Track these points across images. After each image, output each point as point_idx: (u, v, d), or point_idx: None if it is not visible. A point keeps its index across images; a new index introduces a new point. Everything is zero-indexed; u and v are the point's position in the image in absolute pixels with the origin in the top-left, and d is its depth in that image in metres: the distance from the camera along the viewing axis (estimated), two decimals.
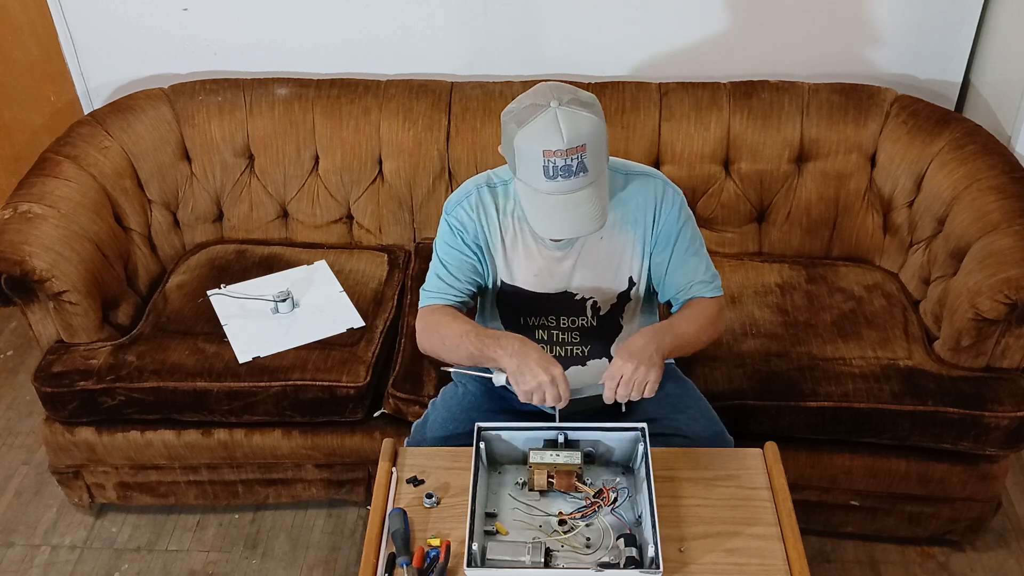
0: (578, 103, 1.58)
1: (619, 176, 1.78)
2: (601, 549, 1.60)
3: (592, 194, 1.61)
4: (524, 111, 1.59)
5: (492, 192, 1.80)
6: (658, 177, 1.80)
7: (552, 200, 1.61)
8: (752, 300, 2.41)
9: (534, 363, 1.64)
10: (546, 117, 1.56)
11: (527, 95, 1.63)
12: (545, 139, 1.55)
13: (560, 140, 1.54)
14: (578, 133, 1.55)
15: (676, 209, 1.79)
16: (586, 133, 1.56)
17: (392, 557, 1.57)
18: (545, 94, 1.60)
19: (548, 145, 1.55)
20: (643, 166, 1.83)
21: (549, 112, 1.56)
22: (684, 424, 1.90)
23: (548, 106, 1.56)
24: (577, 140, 1.55)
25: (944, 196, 2.37)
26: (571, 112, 1.56)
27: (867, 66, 2.70)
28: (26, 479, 2.66)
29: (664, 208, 1.78)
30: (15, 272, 2.20)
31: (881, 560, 2.37)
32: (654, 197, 1.77)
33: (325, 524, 2.50)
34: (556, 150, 1.55)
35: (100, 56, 2.81)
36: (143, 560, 2.42)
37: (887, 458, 2.22)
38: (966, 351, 2.17)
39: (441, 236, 1.84)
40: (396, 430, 2.27)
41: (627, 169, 1.80)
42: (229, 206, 2.71)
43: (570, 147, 1.55)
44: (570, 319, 1.84)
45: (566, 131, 1.54)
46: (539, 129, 1.56)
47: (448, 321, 1.79)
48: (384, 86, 2.64)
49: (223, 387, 2.23)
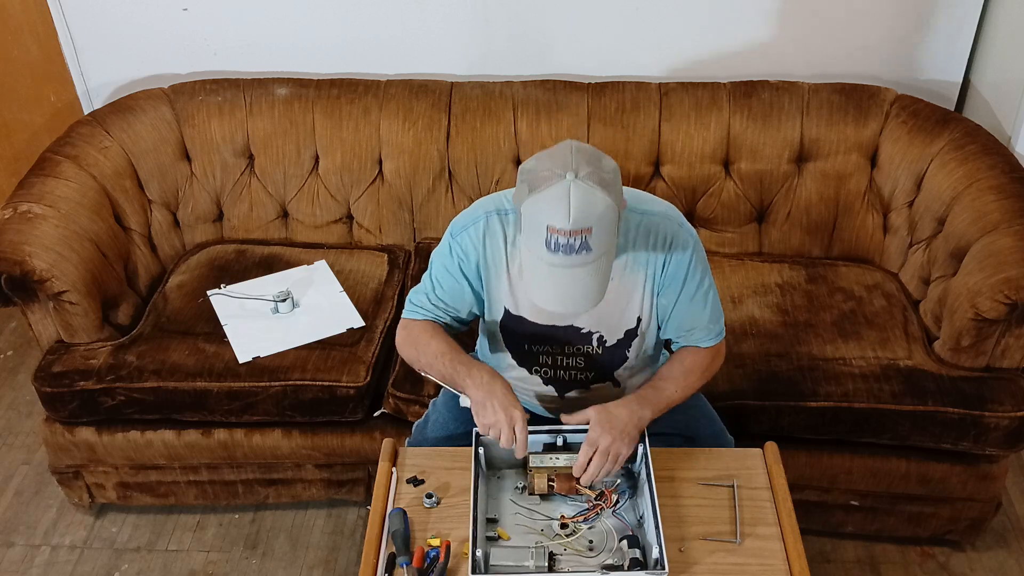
0: (596, 178, 1.50)
1: (635, 215, 1.70)
2: (604, 551, 1.60)
3: (592, 272, 1.54)
4: (540, 176, 1.51)
5: (502, 220, 1.72)
6: (673, 219, 1.72)
7: (550, 270, 1.54)
8: (752, 300, 2.41)
9: (497, 402, 1.65)
10: (558, 190, 1.48)
11: (549, 155, 1.55)
12: (551, 215, 1.48)
13: (566, 220, 1.47)
14: (586, 215, 1.48)
15: (687, 254, 1.71)
16: (595, 215, 1.48)
17: (392, 557, 1.57)
18: (565, 160, 1.52)
19: (553, 222, 1.48)
20: (661, 204, 1.75)
21: (563, 185, 1.48)
22: (684, 424, 1.90)
23: (564, 177, 1.49)
24: (584, 223, 1.48)
25: (944, 196, 2.37)
26: (585, 189, 1.48)
27: (867, 66, 2.70)
28: (26, 479, 2.66)
29: (675, 253, 1.70)
30: (15, 272, 2.20)
31: (881, 560, 2.37)
32: (665, 240, 1.70)
33: (325, 524, 2.50)
34: (560, 228, 1.48)
35: (100, 56, 2.81)
36: (143, 560, 2.42)
37: (887, 458, 2.22)
38: (966, 351, 2.17)
39: (441, 255, 1.78)
40: (396, 430, 2.27)
41: (643, 207, 1.72)
42: (229, 206, 2.71)
43: (575, 228, 1.48)
44: (575, 347, 1.80)
45: (574, 211, 1.47)
46: (548, 202, 1.49)
47: (427, 339, 1.79)
48: (384, 86, 2.64)
49: (223, 387, 2.23)
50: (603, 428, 1.64)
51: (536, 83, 2.62)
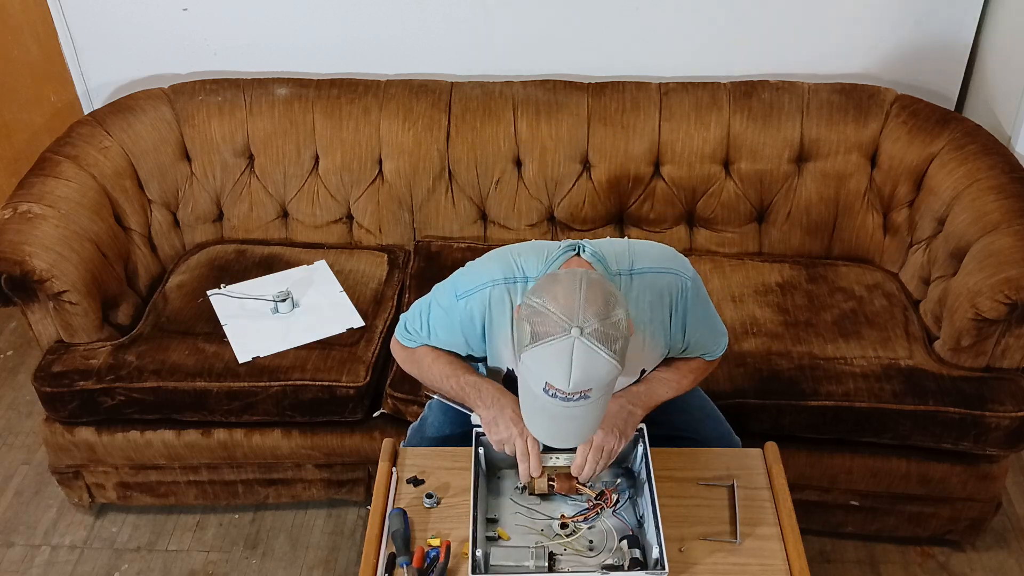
0: (601, 336, 1.39)
1: (622, 279, 1.65)
2: (604, 551, 1.60)
3: (586, 412, 1.46)
4: (544, 322, 1.41)
5: (510, 291, 1.66)
6: (666, 270, 1.66)
7: (544, 409, 1.48)
8: (753, 299, 2.41)
9: (508, 418, 1.64)
10: (561, 347, 1.39)
11: (557, 296, 1.43)
12: (551, 374, 1.40)
13: (566, 382, 1.40)
14: (587, 379, 1.40)
15: (690, 301, 1.67)
16: (596, 378, 1.40)
17: (392, 557, 1.57)
18: (572, 310, 1.40)
19: (552, 380, 1.41)
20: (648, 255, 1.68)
21: (566, 342, 1.39)
22: (689, 425, 1.90)
23: (568, 333, 1.39)
24: (583, 385, 1.40)
25: (944, 196, 2.37)
26: (588, 350, 1.39)
27: (867, 66, 2.70)
28: (26, 479, 2.66)
29: (679, 306, 1.67)
30: (15, 272, 2.20)
31: (881, 560, 2.37)
32: (669, 296, 1.65)
33: (325, 524, 2.50)
34: (559, 388, 1.41)
35: (100, 56, 2.80)
36: (143, 560, 2.42)
37: (887, 458, 2.22)
38: (966, 351, 2.17)
39: (441, 307, 1.73)
40: (396, 430, 2.26)
41: (631, 267, 1.65)
42: (229, 206, 2.71)
43: (574, 391, 1.41)
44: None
45: (575, 373, 1.39)
46: (549, 359, 1.40)
47: (429, 362, 1.78)
48: (384, 86, 2.64)
49: (223, 387, 2.23)
50: None
51: (536, 83, 2.62)
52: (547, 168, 2.59)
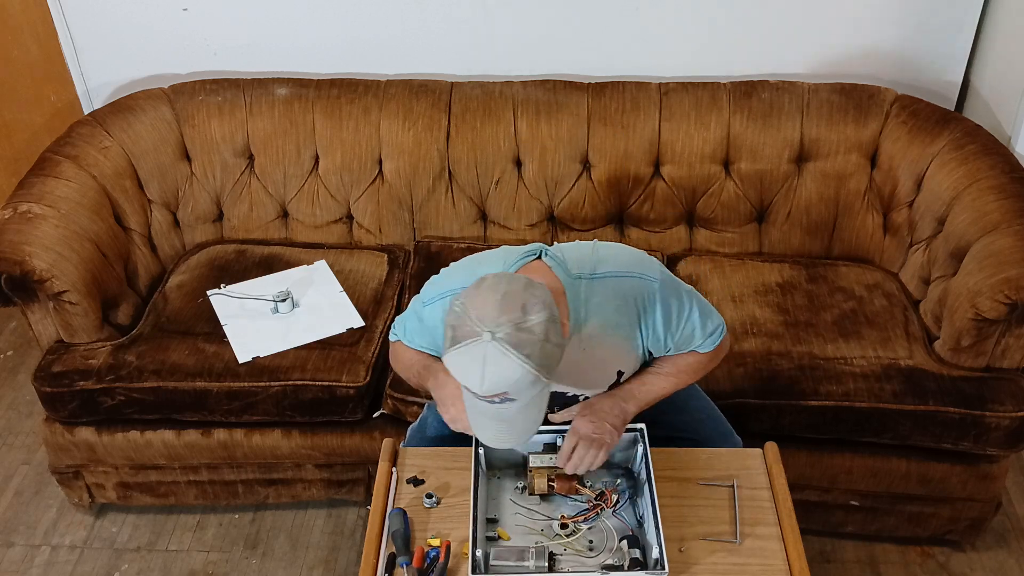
0: (514, 339, 1.39)
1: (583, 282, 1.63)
2: (604, 551, 1.60)
3: (517, 415, 1.48)
4: (461, 326, 1.42)
5: None
6: (629, 274, 1.64)
7: (480, 412, 1.50)
8: (753, 299, 2.41)
9: (449, 395, 1.67)
10: (473, 351, 1.40)
11: (476, 300, 1.44)
12: (466, 376, 1.43)
13: (479, 385, 1.41)
14: (499, 382, 1.40)
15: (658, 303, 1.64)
16: (509, 382, 1.40)
17: (392, 557, 1.57)
18: (486, 313, 1.41)
19: (467, 383, 1.43)
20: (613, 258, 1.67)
21: (479, 346, 1.39)
22: (689, 425, 1.90)
23: (480, 337, 1.39)
24: (496, 388, 1.41)
25: (944, 196, 2.37)
26: (500, 353, 1.39)
27: (867, 66, 2.70)
28: (26, 479, 2.66)
29: (648, 309, 1.64)
30: (15, 272, 2.20)
31: (881, 560, 2.37)
32: (634, 300, 1.63)
33: (325, 524, 2.50)
34: (475, 392, 1.43)
35: (100, 56, 2.80)
36: (143, 560, 2.42)
37: (887, 458, 2.22)
38: (966, 351, 2.17)
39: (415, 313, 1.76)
40: (396, 430, 2.26)
41: (593, 271, 1.64)
42: (229, 206, 2.71)
43: (487, 394, 1.42)
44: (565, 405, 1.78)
45: (487, 377, 1.40)
46: (463, 362, 1.42)
47: (402, 351, 1.84)
48: (384, 86, 2.64)
49: (223, 387, 2.23)
50: (585, 417, 1.66)
51: (536, 83, 2.62)
52: (547, 168, 2.59)
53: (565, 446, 1.65)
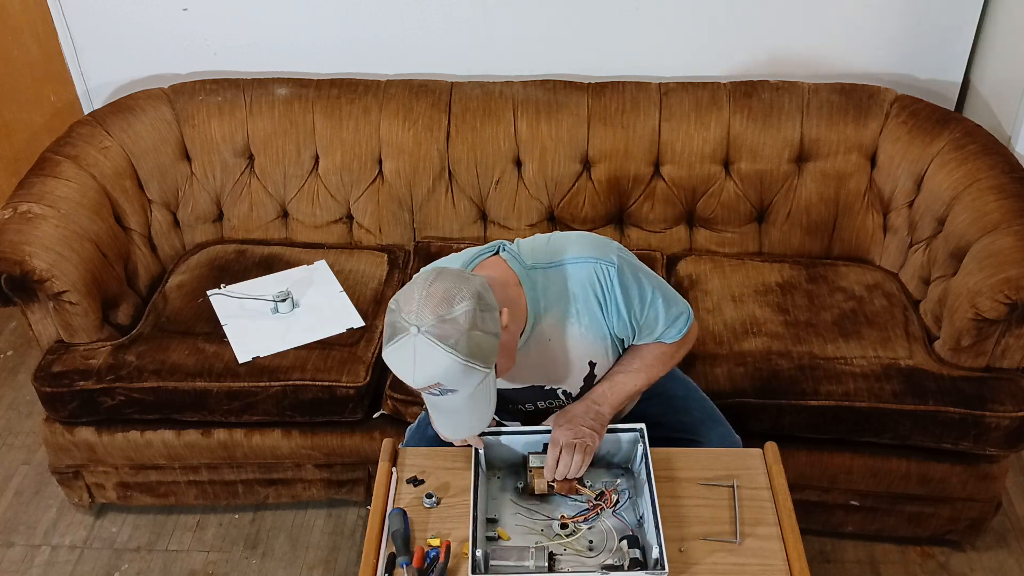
0: (437, 331, 1.43)
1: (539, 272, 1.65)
2: (604, 552, 1.60)
3: (468, 403, 1.52)
4: (394, 323, 1.47)
5: None
6: (586, 260, 1.65)
7: (432, 399, 1.54)
8: (753, 299, 2.41)
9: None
10: (403, 346, 1.45)
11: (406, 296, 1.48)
12: (400, 370, 1.48)
13: (411, 378, 1.47)
14: (429, 374, 1.45)
15: (617, 286, 1.64)
16: (439, 373, 1.45)
17: (392, 557, 1.57)
18: (412, 309, 1.45)
19: (402, 377, 1.48)
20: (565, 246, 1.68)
21: (407, 341, 1.44)
22: (690, 426, 1.90)
23: (408, 331, 1.44)
24: (428, 380, 1.46)
25: (944, 196, 2.37)
26: (427, 346, 1.43)
27: (867, 66, 2.70)
28: (26, 479, 2.66)
29: (607, 292, 1.65)
30: (15, 272, 2.20)
31: (881, 560, 2.37)
32: (591, 286, 1.65)
33: (325, 524, 2.50)
34: (410, 385, 1.49)
35: (100, 56, 2.81)
36: (143, 560, 2.42)
37: (887, 458, 2.22)
38: (966, 351, 2.17)
39: None
40: (396, 430, 2.27)
41: (549, 260, 1.66)
42: (229, 206, 2.71)
43: (420, 386, 1.48)
44: (546, 402, 1.80)
45: (418, 369, 1.45)
46: (396, 358, 1.47)
47: None
48: (384, 86, 2.64)
49: (223, 387, 2.23)
50: (561, 426, 1.68)
51: (536, 83, 2.62)
52: (547, 168, 2.59)
53: (549, 458, 1.66)
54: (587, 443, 1.65)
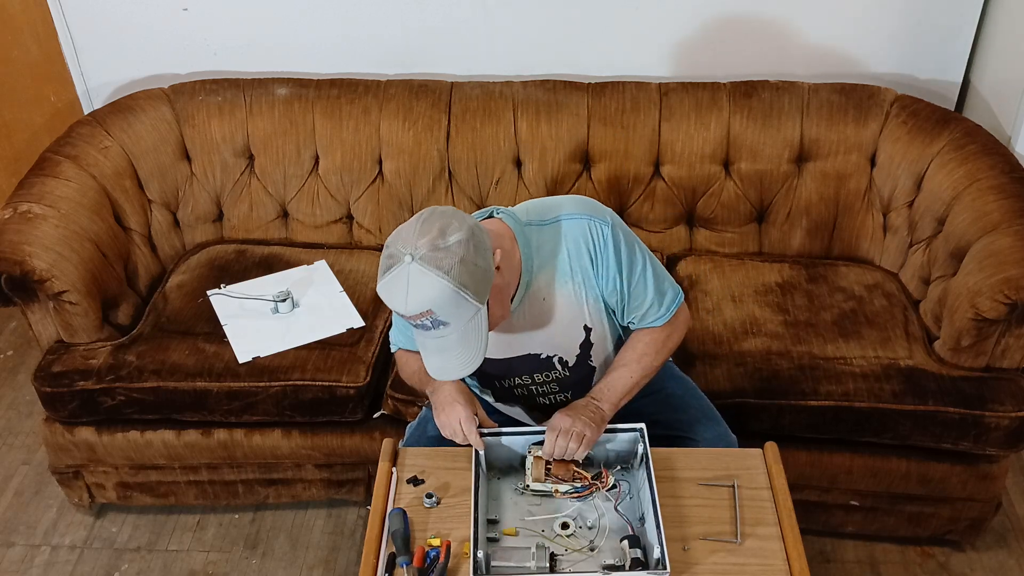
0: (429, 261, 1.46)
1: (533, 229, 1.68)
2: (605, 552, 1.60)
3: (460, 341, 1.54)
4: (388, 256, 1.51)
5: None
6: (580, 215, 1.68)
7: (424, 340, 1.57)
8: (752, 299, 2.41)
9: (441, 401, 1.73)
10: (397, 275, 1.48)
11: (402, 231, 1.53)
12: (392, 300, 1.50)
13: (404, 306, 1.49)
14: (421, 300, 1.47)
15: (610, 243, 1.67)
16: (430, 299, 1.47)
17: (392, 557, 1.57)
18: (407, 239, 1.49)
19: (395, 307, 1.51)
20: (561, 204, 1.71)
21: (402, 270, 1.47)
22: (687, 425, 1.90)
23: (402, 260, 1.47)
24: (420, 307, 1.48)
25: (944, 196, 2.37)
26: (420, 272, 1.46)
27: (867, 66, 2.70)
28: (26, 479, 2.66)
29: (599, 248, 1.67)
30: (15, 272, 2.20)
31: (881, 560, 2.37)
32: (585, 242, 1.67)
33: (325, 524, 2.50)
34: (401, 313, 1.51)
35: (100, 56, 2.81)
36: (143, 560, 2.42)
37: (887, 458, 2.22)
38: (966, 351, 2.17)
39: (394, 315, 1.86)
40: (396, 430, 2.26)
41: (543, 218, 1.69)
42: (229, 206, 2.71)
43: (412, 313, 1.49)
44: (543, 375, 1.81)
45: (410, 297, 1.47)
46: (389, 288, 1.50)
47: (404, 361, 1.91)
48: (384, 86, 2.64)
49: (223, 387, 2.23)
50: (562, 413, 1.71)
51: (536, 83, 2.62)
52: (547, 168, 2.59)
53: (547, 442, 1.69)
54: (586, 433, 1.67)
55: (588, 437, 1.67)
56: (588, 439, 1.67)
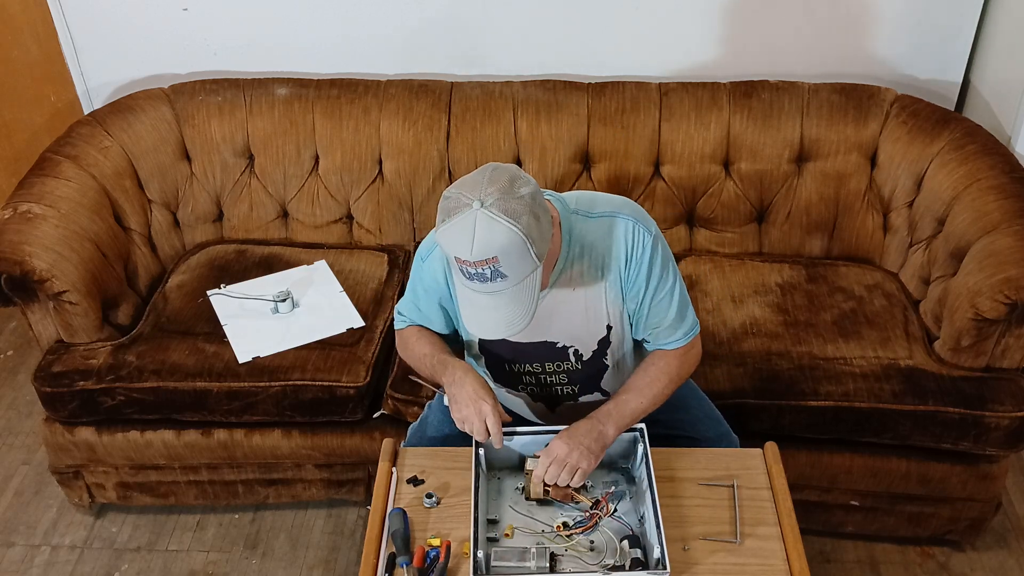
0: (501, 207, 1.46)
1: (579, 218, 1.68)
2: (606, 552, 1.60)
3: (512, 298, 1.53)
4: (451, 204, 1.50)
5: None
6: (627, 216, 1.68)
7: (472, 298, 1.56)
8: (752, 299, 2.41)
9: (466, 395, 1.67)
10: (464, 220, 1.47)
11: (465, 181, 1.53)
12: (456, 246, 1.48)
13: (468, 251, 1.47)
14: (488, 246, 1.46)
15: (648, 252, 1.67)
16: (498, 246, 1.46)
17: (392, 557, 1.57)
18: (476, 186, 1.49)
19: (458, 253, 1.49)
20: (611, 202, 1.72)
21: (469, 215, 1.46)
22: (688, 424, 1.90)
23: (471, 206, 1.47)
24: (486, 253, 1.47)
25: (944, 196, 2.37)
26: (489, 219, 1.46)
27: (867, 66, 2.70)
28: (26, 479, 2.66)
29: (636, 252, 1.67)
30: (15, 272, 2.20)
31: (881, 560, 2.37)
32: (624, 241, 1.67)
33: (325, 524, 2.50)
34: (464, 259, 1.48)
35: (100, 56, 2.81)
36: (143, 560, 2.42)
37: (887, 458, 2.22)
38: (966, 351, 2.17)
39: (417, 274, 1.80)
40: (396, 430, 2.26)
41: (590, 210, 1.69)
42: (229, 206, 2.71)
43: (477, 260, 1.47)
44: (555, 364, 1.80)
45: (477, 242, 1.46)
46: (454, 233, 1.48)
47: (413, 342, 1.86)
48: (384, 86, 2.64)
49: (223, 387, 2.23)
50: (561, 439, 1.66)
51: (536, 83, 2.62)
52: (547, 168, 2.59)
53: (539, 468, 1.66)
54: (579, 466, 1.64)
55: (583, 470, 1.64)
56: (583, 472, 1.64)
